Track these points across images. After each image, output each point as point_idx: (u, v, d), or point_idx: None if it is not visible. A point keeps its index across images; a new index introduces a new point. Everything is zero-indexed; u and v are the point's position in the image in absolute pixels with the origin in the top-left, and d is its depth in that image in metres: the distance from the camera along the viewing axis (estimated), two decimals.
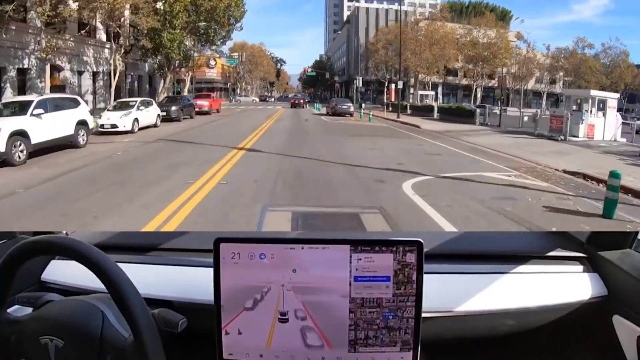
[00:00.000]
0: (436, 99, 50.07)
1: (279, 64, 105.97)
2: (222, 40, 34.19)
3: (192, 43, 33.27)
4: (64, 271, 2.17)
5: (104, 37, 26.57)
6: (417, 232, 5.27)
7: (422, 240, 1.53)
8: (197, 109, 27.89)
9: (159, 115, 20.17)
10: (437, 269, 1.94)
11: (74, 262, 1.39)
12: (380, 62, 52.27)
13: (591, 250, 2.10)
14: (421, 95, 45.12)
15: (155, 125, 19.43)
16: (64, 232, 2.56)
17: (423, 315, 1.57)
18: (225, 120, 25.20)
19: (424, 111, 32.89)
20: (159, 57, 29.11)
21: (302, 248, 1.55)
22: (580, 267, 2.05)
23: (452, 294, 1.87)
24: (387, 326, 1.57)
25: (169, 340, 1.49)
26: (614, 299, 1.92)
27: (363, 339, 1.57)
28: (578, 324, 1.98)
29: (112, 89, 24.29)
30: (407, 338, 1.57)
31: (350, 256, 1.54)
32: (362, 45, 62.48)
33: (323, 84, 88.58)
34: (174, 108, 23.04)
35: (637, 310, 1.79)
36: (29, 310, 1.63)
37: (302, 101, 47.50)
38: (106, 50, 26.25)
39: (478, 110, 25.07)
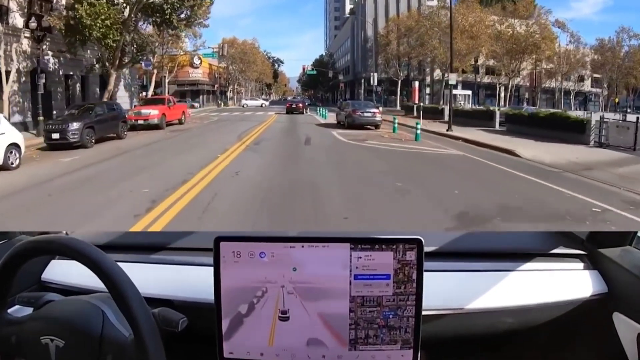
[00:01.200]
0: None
1: (276, 65, 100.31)
2: (185, 22, 23.30)
3: (156, 30, 25.05)
4: (64, 271, 2.17)
5: (20, 21, 18.47)
6: (417, 231, 5.22)
7: (421, 238, 1.53)
8: (141, 121, 19.63)
9: (14, 145, 10.61)
10: (437, 267, 1.94)
11: (74, 262, 1.39)
12: (392, 56, 46.39)
13: (591, 247, 2.09)
14: (454, 96, 39.52)
15: (6, 167, 10.20)
16: (64, 232, 2.57)
17: (423, 313, 1.57)
18: (159, 146, 14.39)
19: (473, 118, 23.38)
20: (87, 47, 20.09)
21: (302, 246, 1.54)
22: (580, 265, 2.04)
23: (452, 291, 1.87)
24: (387, 325, 1.57)
25: (170, 340, 1.49)
26: (614, 296, 1.92)
27: (363, 337, 1.57)
28: (578, 322, 1.97)
29: (5, 96, 16.48)
30: (407, 337, 1.57)
31: (350, 254, 1.54)
32: (370, 39, 54.70)
33: (325, 85, 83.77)
34: (74, 126, 13.64)
35: (637, 308, 1.79)
36: (30, 310, 1.64)
37: (300, 105, 37.91)
38: (24, 41, 18.44)
39: (594, 122, 15.00)
